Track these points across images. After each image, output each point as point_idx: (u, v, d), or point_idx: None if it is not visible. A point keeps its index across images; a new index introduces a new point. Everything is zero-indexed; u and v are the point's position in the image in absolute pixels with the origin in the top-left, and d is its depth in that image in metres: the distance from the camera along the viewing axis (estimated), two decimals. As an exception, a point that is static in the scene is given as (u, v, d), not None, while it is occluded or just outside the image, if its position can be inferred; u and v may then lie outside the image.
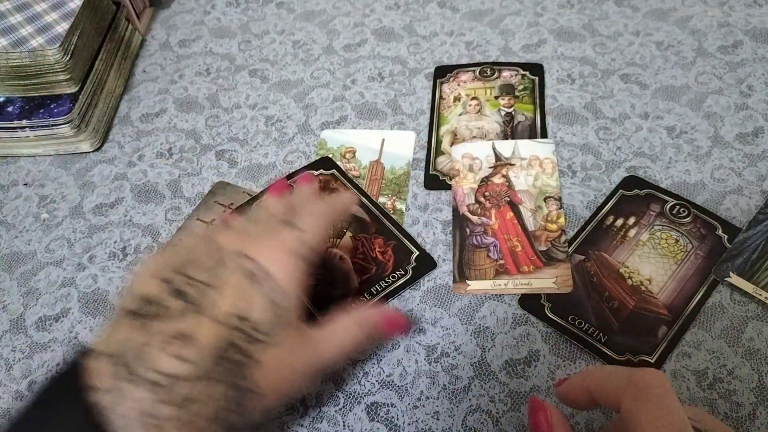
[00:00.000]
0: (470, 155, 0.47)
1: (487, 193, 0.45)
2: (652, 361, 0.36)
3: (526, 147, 0.47)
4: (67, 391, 0.26)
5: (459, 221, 0.44)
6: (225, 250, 0.31)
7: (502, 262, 0.41)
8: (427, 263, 0.42)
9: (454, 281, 0.41)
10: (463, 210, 0.44)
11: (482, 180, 0.45)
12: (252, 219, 0.36)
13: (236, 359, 0.28)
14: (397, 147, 0.49)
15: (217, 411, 0.27)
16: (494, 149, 0.47)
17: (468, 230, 0.43)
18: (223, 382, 0.27)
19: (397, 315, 0.36)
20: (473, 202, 0.44)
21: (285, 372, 0.30)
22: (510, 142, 0.47)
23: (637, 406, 0.24)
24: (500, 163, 0.46)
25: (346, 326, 0.33)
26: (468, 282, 0.41)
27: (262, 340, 0.29)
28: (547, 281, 0.40)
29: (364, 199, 0.45)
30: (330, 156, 0.49)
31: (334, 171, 0.47)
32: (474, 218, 0.44)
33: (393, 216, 0.45)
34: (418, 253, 0.42)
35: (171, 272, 0.30)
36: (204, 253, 0.31)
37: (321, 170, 0.47)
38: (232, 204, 0.46)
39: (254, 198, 0.46)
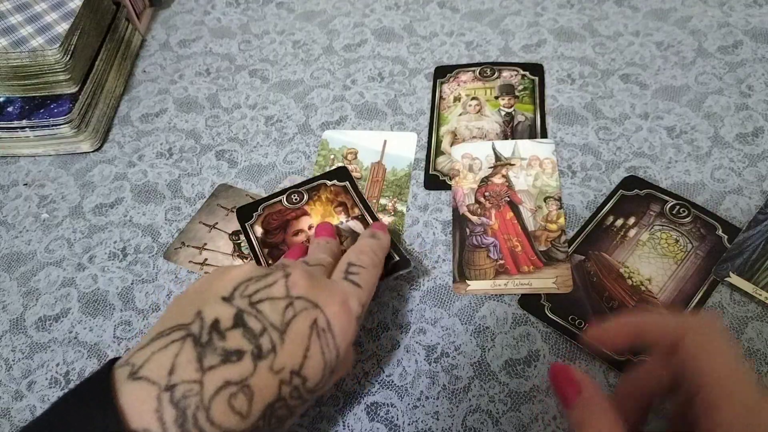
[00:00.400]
0: (470, 155, 0.47)
1: (487, 194, 0.45)
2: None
3: (526, 147, 0.47)
4: (92, 416, 0.24)
5: (459, 221, 0.44)
6: (295, 289, 0.30)
7: (502, 262, 0.41)
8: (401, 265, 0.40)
9: (454, 281, 0.41)
10: (463, 210, 0.44)
11: (482, 180, 0.45)
12: (316, 262, 0.34)
13: (281, 415, 0.27)
14: (399, 148, 0.49)
15: None
16: (494, 149, 0.47)
17: (468, 230, 0.43)
18: None
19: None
20: (473, 202, 0.44)
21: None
22: (510, 142, 0.47)
23: (703, 346, 0.25)
24: (500, 163, 0.46)
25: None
26: (468, 282, 0.41)
27: (305, 398, 0.28)
28: (547, 281, 0.40)
29: (360, 205, 0.45)
30: (344, 165, 0.47)
31: (347, 183, 0.45)
32: (474, 218, 0.44)
33: (394, 217, 0.45)
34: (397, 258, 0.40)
35: (241, 297, 0.29)
36: (275, 285, 0.29)
37: (335, 180, 0.46)
38: (234, 207, 0.46)
39: (257, 202, 0.46)
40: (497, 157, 0.47)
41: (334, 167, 0.48)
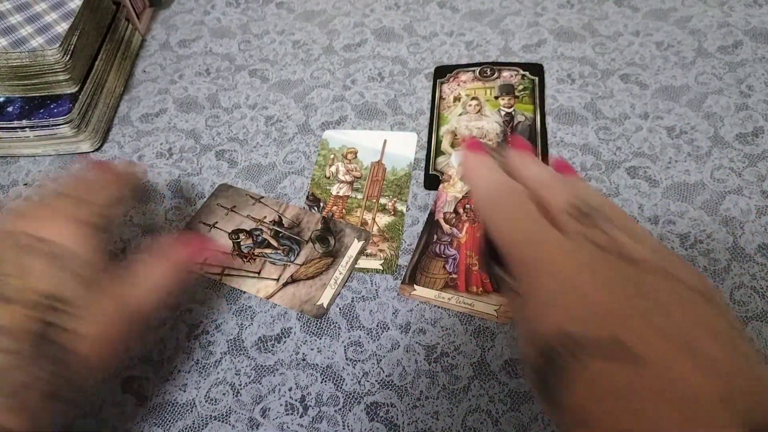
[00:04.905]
0: None
1: (467, 206, 0.44)
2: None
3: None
4: None
5: (431, 226, 0.44)
6: (12, 234, 0.31)
7: (454, 276, 0.41)
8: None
9: (402, 282, 0.41)
10: (439, 216, 0.44)
11: (467, 192, 0.45)
12: (28, 198, 0.35)
13: (54, 337, 0.28)
14: (399, 148, 0.49)
15: (48, 389, 0.28)
16: None
17: (435, 237, 0.43)
18: (47, 361, 0.28)
19: (191, 236, 0.37)
20: (451, 211, 0.44)
21: (103, 332, 0.30)
22: None
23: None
24: None
25: (149, 263, 0.34)
26: (415, 287, 0.41)
27: (74, 313, 0.29)
28: (489, 307, 0.40)
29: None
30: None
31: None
32: (446, 227, 0.44)
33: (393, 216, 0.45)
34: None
35: None
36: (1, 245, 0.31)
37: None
38: (234, 207, 0.46)
39: (260, 199, 0.46)
40: None
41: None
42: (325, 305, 0.41)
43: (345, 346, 0.39)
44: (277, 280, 0.42)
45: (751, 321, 0.37)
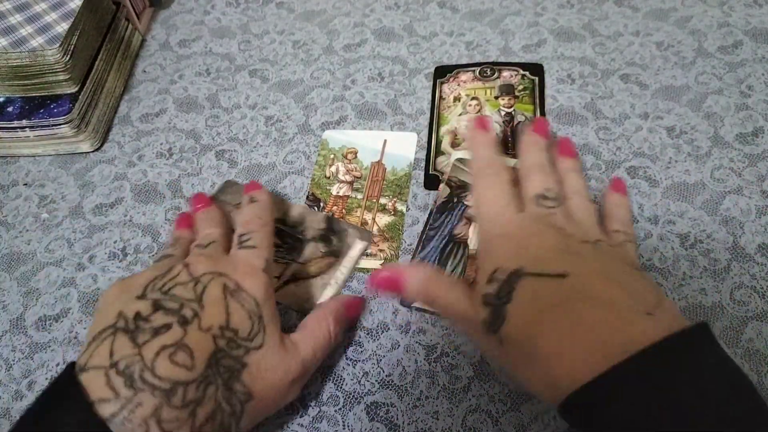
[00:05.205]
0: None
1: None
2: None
3: None
4: (63, 405, 0.27)
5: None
6: (198, 271, 0.33)
7: None
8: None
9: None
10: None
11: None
12: (208, 241, 0.37)
13: (226, 363, 0.30)
14: (399, 148, 0.49)
15: (214, 411, 0.28)
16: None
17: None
18: (218, 383, 0.29)
19: (354, 299, 0.39)
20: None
21: (271, 375, 0.32)
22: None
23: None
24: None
25: (317, 321, 0.36)
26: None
27: (245, 346, 0.31)
28: None
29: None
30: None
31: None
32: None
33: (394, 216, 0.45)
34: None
35: (152, 291, 0.32)
36: (180, 274, 0.33)
37: None
38: (239, 204, 0.46)
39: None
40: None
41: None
42: None
43: (345, 346, 0.39)
44: (278, 277, 0.42)
45: (751, 321, 0.37)
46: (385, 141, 0.49)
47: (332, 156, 0.49)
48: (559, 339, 0.28)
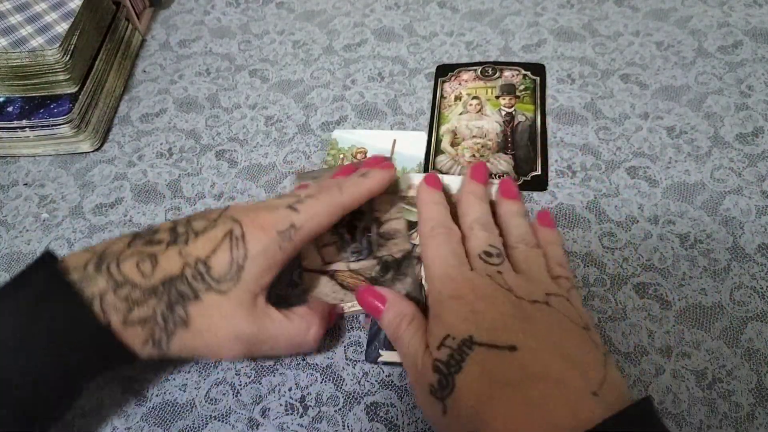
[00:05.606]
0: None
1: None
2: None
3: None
4: (38, 269, 0.32)
5: None
6: (227, 213, 0.35)
7: None
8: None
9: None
10: None
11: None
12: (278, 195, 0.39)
13: (181, 289, 0.32)
14: (409, 148, 0.49)
15: (147, 318, 0.32)
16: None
17: None
18: (162, 299, 0.32)
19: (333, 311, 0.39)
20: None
21: (218, 320, 0.33)
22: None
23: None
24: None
25: (305, 315, 0.36)
26: None
27: (208, 283, 0.33)
28: None
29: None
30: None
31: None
32: None
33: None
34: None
35: (181, 220, 0.35)
36: (213, 212, 0.36)
37: None
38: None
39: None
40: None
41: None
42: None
43: (345, 346, 0.39)
44: (326, 262, 0.41)
45: (751, 321, 0.37)
46: (395, 141, 0.49)
47: (342, 156, 0.49)
48: (511, 418, 0.28)
